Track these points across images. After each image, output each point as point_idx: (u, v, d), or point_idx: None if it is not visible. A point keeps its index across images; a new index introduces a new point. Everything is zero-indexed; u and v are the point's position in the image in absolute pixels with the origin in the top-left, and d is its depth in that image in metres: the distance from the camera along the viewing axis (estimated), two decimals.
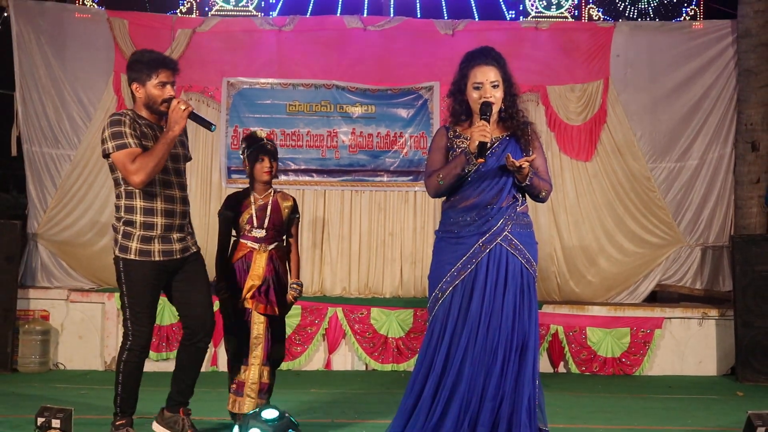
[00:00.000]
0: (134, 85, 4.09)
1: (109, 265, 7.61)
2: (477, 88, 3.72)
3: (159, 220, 4.03)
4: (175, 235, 4.09)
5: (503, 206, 3.71)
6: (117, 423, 4.14)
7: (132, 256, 4.01)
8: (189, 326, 4.22)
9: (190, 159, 4.39)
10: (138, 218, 4.01)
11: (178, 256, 4.10)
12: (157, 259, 4.03)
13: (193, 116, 4.02)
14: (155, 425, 4.31)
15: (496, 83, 3.72)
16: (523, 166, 3.59)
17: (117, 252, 4.06)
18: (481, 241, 3.68)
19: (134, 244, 4.01)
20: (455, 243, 3.72)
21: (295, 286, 4.68)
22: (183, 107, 3.95)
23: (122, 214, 4.04)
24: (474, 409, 3.60)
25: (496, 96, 3.71)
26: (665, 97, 7.97)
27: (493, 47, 3.87)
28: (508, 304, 3.65)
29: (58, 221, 7.75)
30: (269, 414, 3.99)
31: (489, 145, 3.65)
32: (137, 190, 3.99)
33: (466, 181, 3.73)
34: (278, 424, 3.96)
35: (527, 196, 3.85)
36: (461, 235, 3.72)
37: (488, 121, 3.62)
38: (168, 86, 4.05)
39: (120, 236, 4.04)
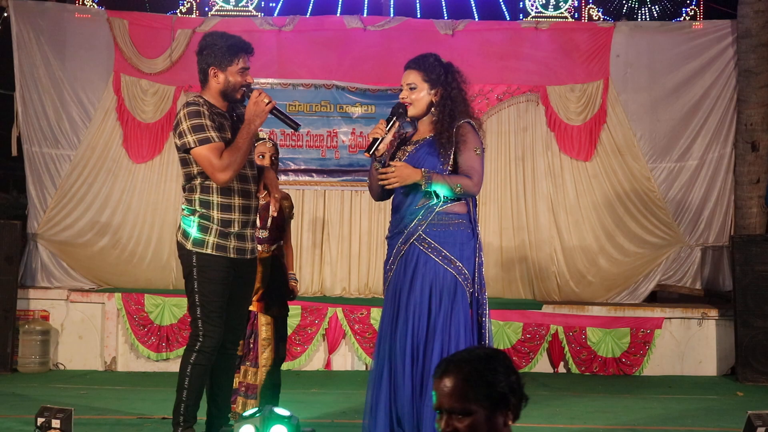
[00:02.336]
0: (212, 70, 3.79)
1: (109, 265, 7.75)
2: (401, 91, 3.92)
3: (236, 217, 3.79)
4: (249, 232, 3.87)
5: (417, 207, 3.74)
6: None
7: (209, 251, 3.74)
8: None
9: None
10: (215, 214, 3.76)
11: (248, 257, 3.88)
12: (231, 256, 3.78)
13: (276, 111, 3.79)
14: None
15: (412, 86, 3.88)
16: (387, 173, 3.69)
17: (190, 246, 3.76)
18: (400, 241, 3.77)
19: (212, 239, 3.75)
20: (389, 244, 3.87)
21: (292, 274, 4.71)
22: (266, 101, 3.71)
23: (197, 207, 3.78)
24: (396, 411, 3.63)
25: (411, 97, 3.86)
26: (665, 97, 7.97)
27: (428, 53, 4.01)
28: (416, 302, 3.67)
29: (58, 221, 7.75)
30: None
31: (414, 145, 3.83)
32: (214, 185, 3.75)
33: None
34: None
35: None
36: (388, 237, 3.87)
37: (389, 121, 3.80)
38: (247, 72, 3.82)
39: (195, 229, 3.76)
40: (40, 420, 4.21)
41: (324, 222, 7.95)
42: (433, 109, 3.85)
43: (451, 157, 3.75)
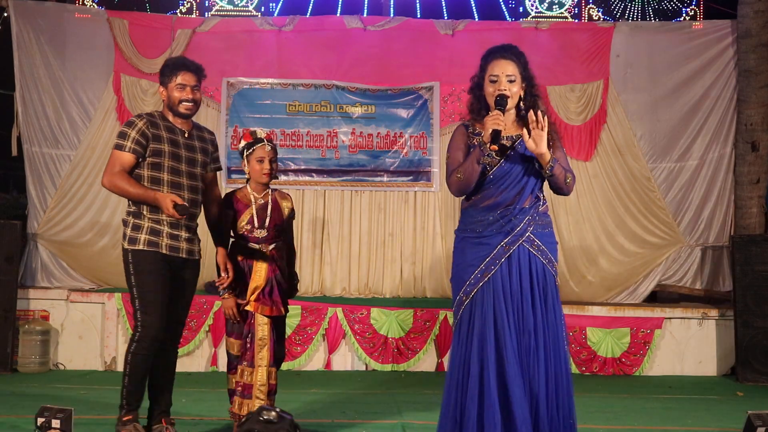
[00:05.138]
0: (160, 88, 4.28)
1: (109, 265, 7.75)
2: (493, 82, 3.69)
3: (164, 218, 4.13)
4: (183, 234, 4.20)
5: (525, 206, 3.66)
6: (124, 419, 4.17)
7: (141, 247, 4.10)
8: None
9: (218, 169, 4.52)
10: (146, 213, 4.14)
11: (184, 255, 4.20)
12: (164, 251, 4.13)
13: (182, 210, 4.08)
14: None
15: (512, 78, 3.69)
16: (539, 122, 3.54)
17: (126, 244, 4.14)
18: (504, 241, 3.62)
19: (143, 236, 4.12)
20: (477, 243, 3.67)
21: (295, 273, 4.72)
22: (170, 206, 4.02)
23: (132, 208, 4.17)
24: (521, 411, 3.52)
25: (512, 90, 3.68)
26: (665, 97, 7.97)
27: (512, 45, 3.84)
28: (536, 306, 3.63)
29: (58, 221, 7.75)
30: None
31: (511, 143, 3.66)
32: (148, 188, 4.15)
33: (487, 178, 3.66)
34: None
35: (551, 190, 3.79)
36: (484, 235, 3.66)
37: (503, 112, 3.60)
38: (188, 88, 4.19)
39: (129, 229, 4.15)
40: (40, 420, 4.22)
41: (324, 222, 7.95)
42: (521, 103, 3.73)
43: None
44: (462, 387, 3.62)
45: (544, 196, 3.78)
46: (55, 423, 4.19)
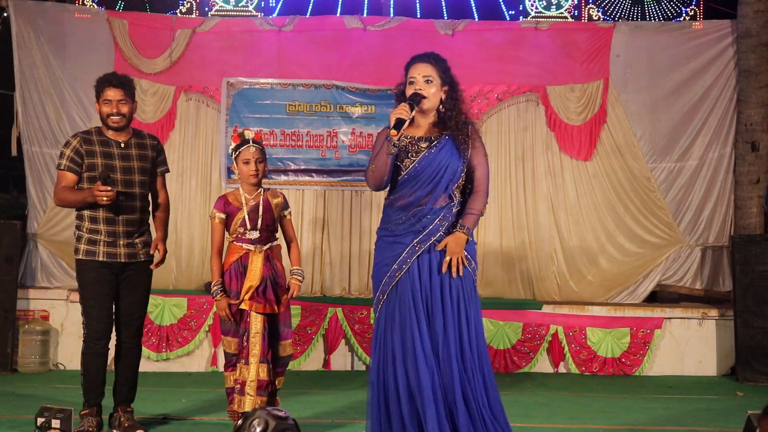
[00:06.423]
0: (95, 104, 4.68)
1: None
2: (411, 83, 3.88)
3: (102, 227, 4.47)
4: (122, 241, 4.51)
5: (436, 206, 3.77)
6: (81, 413, 4.50)
7: (81, 257, 4.49)
8: (116, 326, 4.62)
9: (165, 172, 4.77)
10: (85, 224, 4.51)
11: (123, 260, 4.53)
12: (101, 259, 4.47)
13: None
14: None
15: (429, 78, 3.86)
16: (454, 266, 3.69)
17: (72, 253, 4.56)
18: (415, 241, 3.74)
19: (83, 246, 4.50)
20: (392, 242, 3.79)
21: (297, 270, 4.69)
22: (98, 195, 4.32)
23: (75, 219, 4.58)
24: (444, 409, 3.61)
25: (429, 91, 3.84)
26: (665, 97, 7.97)
27: (436, 52, 4.04)
28: (446, 306, 3.69)
29: (58, 221, 7.74)
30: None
31: (428, 144, 3.80)
32: None
33: (402, 178, 3.80)
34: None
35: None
36: (397, 234, 3.79)
37: (412, 107, 3.74)
38: (113, 103, 4.53)
39: (75, 239, 4.55)
40: (40, 420, 4.23)
41: (324, 222, 7.95)
42: (441, 106, 3.86)
43: (467, 157, 3.81)
44: (393, 393, 3.70)
45: (460, 196, 3.84)
46: (55, 423, 4.21)
